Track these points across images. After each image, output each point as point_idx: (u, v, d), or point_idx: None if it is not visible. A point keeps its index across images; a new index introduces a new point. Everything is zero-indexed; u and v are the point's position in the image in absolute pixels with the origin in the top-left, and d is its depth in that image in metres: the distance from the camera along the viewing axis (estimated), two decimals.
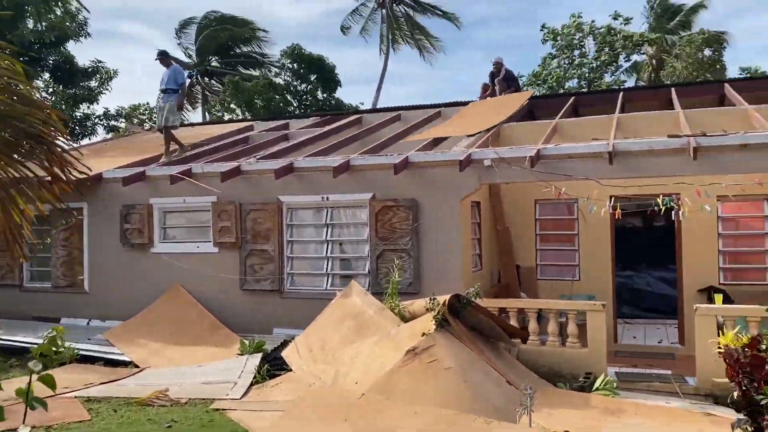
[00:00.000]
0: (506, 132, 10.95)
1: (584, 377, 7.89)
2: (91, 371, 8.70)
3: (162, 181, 10.65)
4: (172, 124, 11.68)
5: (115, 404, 7.17)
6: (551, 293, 10.42)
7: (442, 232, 9.07)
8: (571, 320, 8.35)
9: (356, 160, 9.43)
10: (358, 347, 7.81)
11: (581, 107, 13.28)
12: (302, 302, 9.71)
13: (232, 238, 10.16)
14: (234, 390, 7.74)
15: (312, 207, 9.91)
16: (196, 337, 9.78)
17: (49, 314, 11.40)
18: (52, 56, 16.90)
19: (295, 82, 27.96)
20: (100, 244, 11.21)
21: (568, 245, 10.98)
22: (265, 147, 12.20)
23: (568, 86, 28.79)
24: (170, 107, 11.53)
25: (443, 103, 14.50)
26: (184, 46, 31.62)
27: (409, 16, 33.03)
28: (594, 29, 29.32)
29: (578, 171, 8.57)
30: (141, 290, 10.66)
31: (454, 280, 8.87)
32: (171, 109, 11.56)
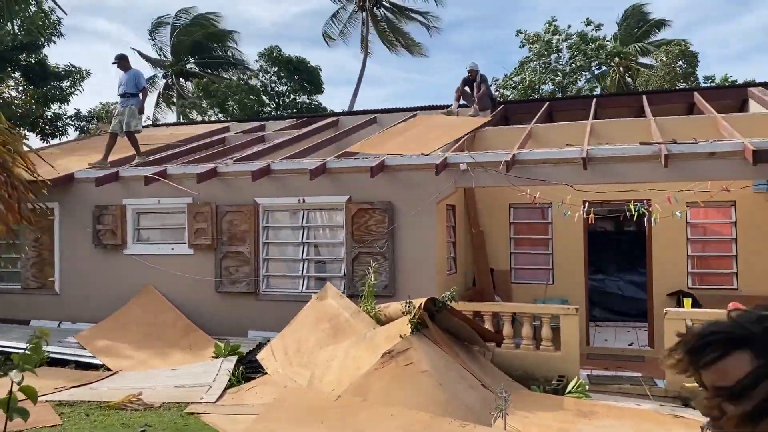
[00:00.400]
0: (481, 136, 11.06)
1: (557, 380, 8.00)
2: (61, 375, 8.56)
3: (136, 182, 10.53)
4: (135, 129, 11.33)
5: (87, 408, 7.07)
6: (525, 296, 10.54)
7: (418, 235, 9.13)
8: (546, 324, 8.46)
9: (333, 163, 9.45)
10: (333, 350, 7.82)
11: (556, 112, 13.48)
12: (278, 304, 9.69)
13: (207, 240, 10.10)
14: (209, 393, 7.69)
15: (288, 209, 9.89)
16: (169, 340, 9.68)
17: (18, 316, 11.18)
18: (24, 56, 16.58)
19: (273, 84, 27.78)
20: (72, 245, 11.04)
21: (542, 249, 11.12)
22: (242, 149, 12.14)
23: (543, 90, 29.13)
24: (131, 111, 11.11)
25: (419, 107, 14.60)
26: (159, 47, 31.24)
27: (390, 20, 33.11)
28: (568, 36, 29.73)
29: (553, 176, 8.70)
30: (114, 292, 10.52)
31: (429, 283, 8.94)
32: (132, 113, 11.13)
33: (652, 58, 27.81)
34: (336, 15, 32.99)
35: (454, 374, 7.12)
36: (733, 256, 10.18)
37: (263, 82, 28.08)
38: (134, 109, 11.19)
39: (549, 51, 29.54)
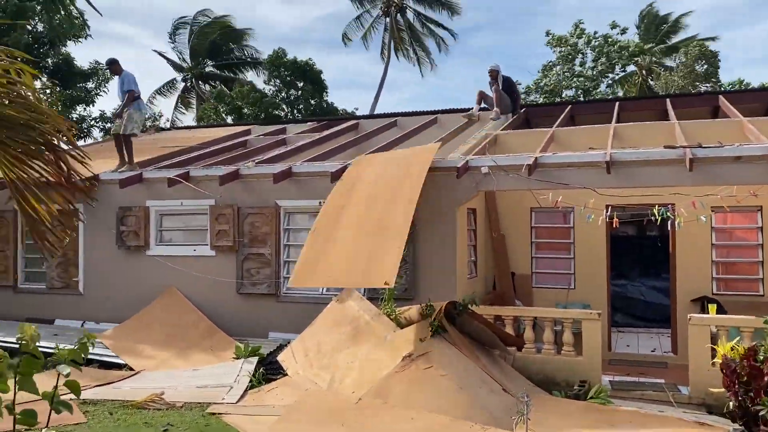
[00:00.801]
0: (503, 139, 11.01)
1: (579, 385, 7.93)
2: (85, 374, 8.66)
3: (159, 184, 10.65)
4: (130, 132, 11.26)
5: (110, 407, 7.15)
6: (546, 301, 10.47)
7: (439, 238, 9.11)
8: (567, 329, 8.39)
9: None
10: (354, 352, 7.83)
11: (578, 116, 13.38)
12: (298, 306, 9.73)
13: (229, 242, 10.17)
14: (230, 394, 7.74)
15: (309, 211, 9.93)
16: (191, 341, 9.77)
17: (43, 315, 11.36)
18: (52, 58, 16.89)
19: (284, 88, 27.91)
20: (96, 246, 11.18)
21: (563, 253, 11.04)
22: (263, 151, 12.22)
23: (566, 95, 28.98)
24: (128, 115, 11.19)
25: (439, 110, 14.58)
26: (179, 50, 31.58)
27: (412, 29, 33.22)
28: (592, 39, 29.55)
29: (575, 180, 8.63)
30: (136, 293, 10.64)
31: (449, 287, 8.91)
32: (130, 117, 11.08)
33: (671, 59, 27.54)
34: (359, 18, 33.18)
35: (475, 378, 7.09)
36: (759, 261, 10.03)
37: (276, 87, 28.24)
38: (131, 113, 11.14)
39: (574, 55, 29.39)
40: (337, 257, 7.61)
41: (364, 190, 8.34)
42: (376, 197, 8.19)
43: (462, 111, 14.14)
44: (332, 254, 7.67)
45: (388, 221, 7.77)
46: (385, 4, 32.76)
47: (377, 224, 7.77)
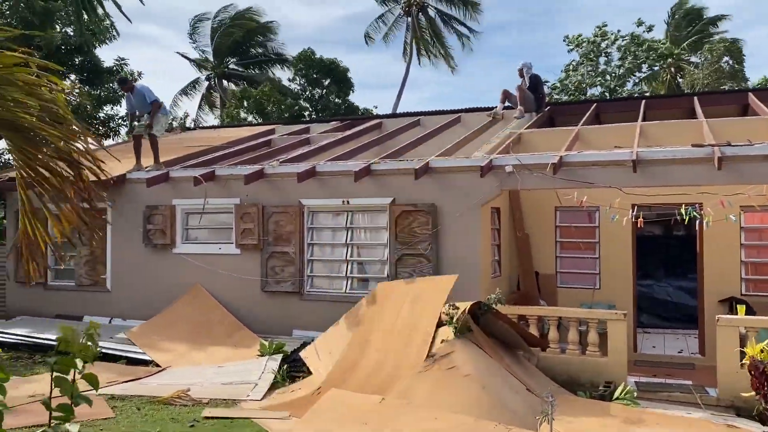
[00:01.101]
0: (527, 138, 10.94)
1: (604, 386, 7.87)
2: (113, 369, 8.82)
3: (185, 183, 10.78)
4: (158, 134, 11.56)
5: (138, 402, 7.27)
6: (571, 301, 10.38)
7: (462, 237, 9.10)
8: (592, 329, 8.32)
9: (377, 165, 9.49)
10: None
11: (603, 114, 13.23)
12: (322, 304, 9.79)
13: (254, 240, 10.26)
14: (254, 391, 7.83)
15: (333, 210, 9.98)
16: (216, 338, 9.88)
17: (72, 312, 11.57)
18: (79, 58, 17.17)
19: (309, 87, 28.03)
20: (123, 244, 11.36)
21: (588, 253, 10.94)
22: (287, 150, 12.30)
23: (591, 93, 28.68)
24: (157, 119, 11.38)
25: (463, 109, 14.53)
26: (201, 48, 31.81)
27: (433, 28, 33.14)
28: (619, 38, 29.19)
29: (601, 179, 8.56)
30: (163, 290, 10.79)
31: (473, 286, 8.89)
32: (157, 121, 11.35)
33: (697, 56, 27.12)
34: (382, 17, 33.19)
35: (499, 378, 7.07)
36: None
37: (301, 86, 28.36)
38: (159, 117, 11.37)
39: (596, 53, 29.06)
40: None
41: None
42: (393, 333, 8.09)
43: (486, 110, 14.08)
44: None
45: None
46: (407, 4, 32.71)
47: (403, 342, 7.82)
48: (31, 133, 3.08)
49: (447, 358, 7.12)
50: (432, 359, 7.17)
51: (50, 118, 3.16)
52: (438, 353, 7.23)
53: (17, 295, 12.17)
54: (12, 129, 3.06)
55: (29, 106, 3.03)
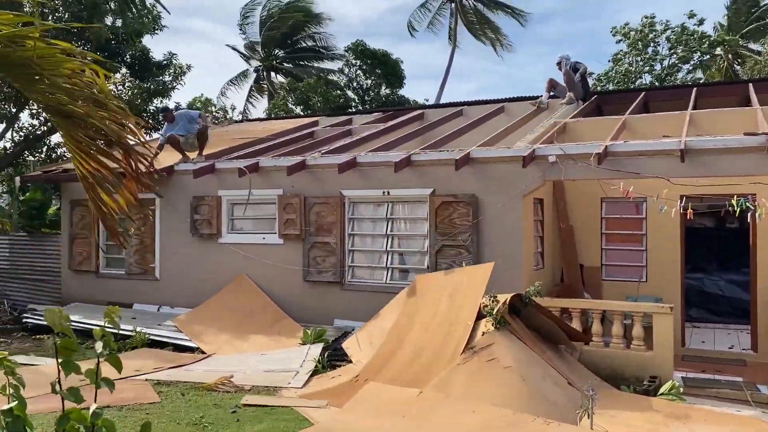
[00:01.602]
0: (572, 127, 10.73)
1: (649, 381, 7.68)
2: (160, 356, 9.09)
3: (230, 174, 10.97)
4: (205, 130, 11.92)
5: (183, 388, 7.47)
6: (616, 294, 10.18)
7: (503, 228, 9.00)
8: (637, 322, 8.14)
9: (417, 156, 9.46)
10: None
11: (652, 103, 12.87)
12: (362, 295, 9.85)
13: (296, 231, 10.38)
14: (295, 379, 7.94)
15: (373, 201, 10.01)
16: (260, 326, 10.05)
17: (122, 300, 11.94)
18: (129, 51, 17.64)
19: (360, 78, 28.12)
20: (171, 234, 11.65)
21: (635, 245, 10.68)
22: (329, 142, 12.37)
23: (639, 83, 27.88)
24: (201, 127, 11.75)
25: (507, 98, 14.34)
26: (249, 40, 32.16)
27: (479, 11, 32.72)
28: (668, 28, 28.27)
29: (647, 169, 8.33)
30: (209, 279, 11.04)
31: (514, 278, 8.80)
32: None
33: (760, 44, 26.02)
34: (425, 5, 32.95)
35: (539, 371, 6.99)
36: None
37: (349, 76, 28.45)
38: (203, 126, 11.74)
39: (645, 43, 28.20)
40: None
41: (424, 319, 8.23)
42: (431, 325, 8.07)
43: (530, 99, 13.87)
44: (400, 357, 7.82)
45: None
46: None
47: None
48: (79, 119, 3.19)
49: (486, 350, 7.07)
50: (471, 351, 7.13)
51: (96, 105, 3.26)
52: (477, 345, 7.19)
53: (71, 283, 12.64)
54: (61, 115, 3.18)
55: (76, 94, 3.14)
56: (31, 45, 2.88)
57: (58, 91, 3.05)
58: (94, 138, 3.29)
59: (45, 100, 3.15)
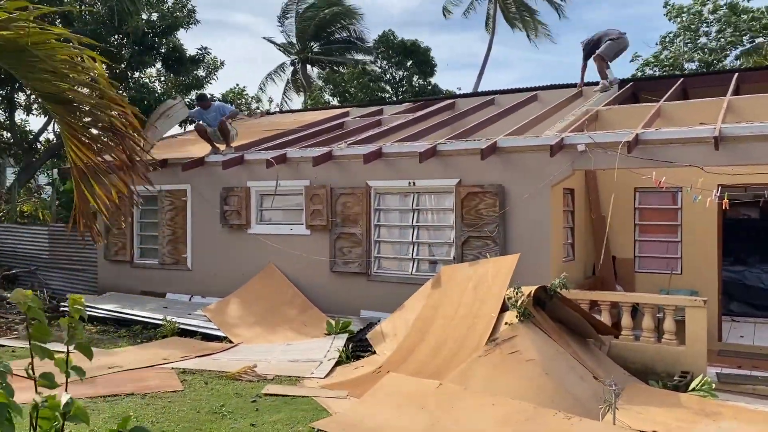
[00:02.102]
0: (604, 115, 10.44)
1: (680, 376, 7.44)
2: (188, 345, 9.22)
3: (259, 165, 11.04)
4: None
5: (207, 377, 7.56)
6: (649, 286, 9.89)
7: (531, 219, 8.82)
8: (669, 316, 7.88)
9: (443, 146, 9.33)
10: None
11: (691, 89, 12.43)
12: (388, 286, 9.81)
13: (323, 221, 10.39)
14: (318, 369, 7.95)
15: (399, 192, 9.94)
16: (287, 316, 10.11)
17: (155, 289, 12.18)
18: (164, 45, 17.90)
19: (390, 69, 28.01)
20: (202, 225, 11.81)
21: (669, 236, 10.35)
22: (358, 132, 12.33)
23: (688, 68, 26.96)
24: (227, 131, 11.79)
25: (540, 86, 14.04)
26: (287, 33, 32.36)
27: None
28: (717, 8, 27.23)
29: (680, 157, 8.04)
30: (238, 269, 11.15)
31: (542, 270, 8.63)
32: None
33: None
34: None
35: (563, 364, 6.83)
36: None
37: (382, 68, 28.35)
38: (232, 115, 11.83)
39: (698, 24, 27.21)
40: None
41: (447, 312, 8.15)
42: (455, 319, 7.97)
43: (565, 87, 13.57)
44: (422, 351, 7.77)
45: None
46: None
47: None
48: (74, 104, 3.21)
49: (509, 343, 6.95)
50: (494, 343, 7.02)
51: (91, 90, 3.27)
52: (500, 337, 7.07)
53: (107, 273, 12.94)
54: (55, 101, 3.20)
55: (72, 79, 3.15)
56: (25, 31, 2.89)
57: (53, 77, 3.07)
58: (89, 126, 3.30)
59: (40, 86, 3.17)
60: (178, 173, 11.72)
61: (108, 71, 16.20)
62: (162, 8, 18.33)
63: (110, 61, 18.69)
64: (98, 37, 17.00)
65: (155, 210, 12.46)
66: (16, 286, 13.81)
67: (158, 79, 18.99)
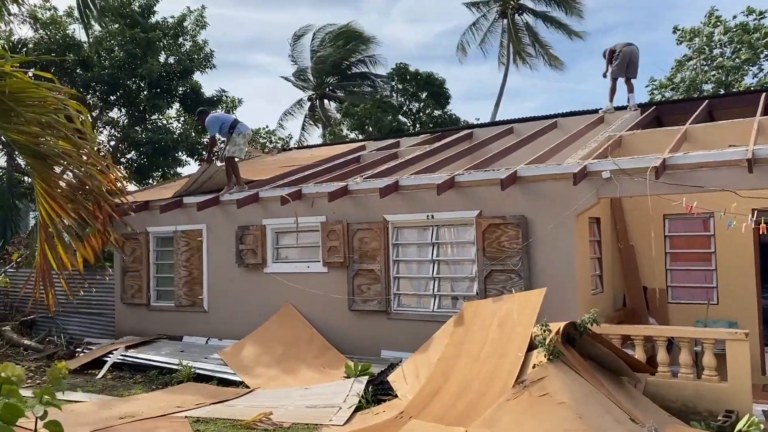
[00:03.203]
0: (628, 140, 10.09)
1: (724, 416, 6.93)
2: (202, 391, 8.90)
3: (274, 203, 10.82)
4: (236, 155, 11.74)
5: (221, 426, 7.22)
6: (684, 318, 9.39)
7: (556, 251, 8.43)
8: (708, 350, 7.40)
9: (461, 177, 9.04)
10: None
11: (717, 111, 12.05)
12: (409, 324, 9.43)
13: (340, 258, 10.10)
14: (337, 415, 7.57)
15: (417, 225, 9.62)
16: (305, 358, 9.76)
17: (172, 332, 11.93)
18: (181, 87, 18.03)
19: (406, 101, 28.01)
20: (218, 265, 11.58)
21: (703, 265, 9.87)
22: (374, 166, 12.10)
23: (705, 90, 26.52)
24: (232, 140, 11.52)
25: (559, 114, 13.75)
26: (302, 68, 32.55)
27: (530, 27, 32.07)
28: (728, 29, 26.87)
29: (711, 182, 7.64)
30: (255, 309, 10.86)
31: (570, 304, 8.21)
32: (233, 142, 11.53)
33: None
34: (475, 24, 32.53)
35: (597, 406, 6.37)
36: None
37: (399, 101, 28.37)
38: (234, 138, 11.52)
39: (710, 46, 26.88)
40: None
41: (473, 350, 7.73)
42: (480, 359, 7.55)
43: (585, 113, 13.27)
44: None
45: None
46: (502, 6, 31.80)
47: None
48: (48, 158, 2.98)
49: (538, 384, 6.52)
50: (522, 385, 6.60)
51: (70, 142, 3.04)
52: (529, 379, 6.65)
53: (124, 316, 12.74)
54: (31, 154, 2.98)
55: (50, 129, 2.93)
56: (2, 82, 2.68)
57: (33, 127, 2.84)
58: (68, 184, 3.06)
59: (18, 137, 2.95)
60: (193, 213, 11.56)
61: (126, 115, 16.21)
62: (180, 51, 18.51)
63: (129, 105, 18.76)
64: (116, 81, 17.23)
65: (171, 251, 12.28)
66: (33, 331, 13.68)
67: (177, 119, 19.08)
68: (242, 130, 11.66)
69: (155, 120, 18.84)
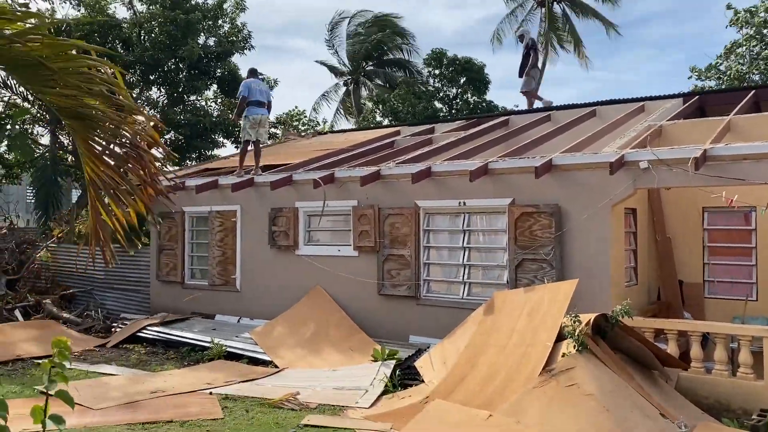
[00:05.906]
0: (668, 130, 9.83)
1: (759, 415, 6.75)
2: (233, 369, 9.05)
3: (307, 185, 10.88)
4: (243, 138, 11.79)
5: (248, 404, 7.33)
6: (721, 314, 9.16)
7: (589, 241, 8.29)
8: (744, 347, 7.22)
9: (495, 164, 8.93)
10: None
11: (764, 102, 11.63)
12: (438, 310, 9.42)
13: (370, 243, 10.11)
14: (364, 398, 7.63)
15: (449, 212, 9.56)
16: (333, 340, 9.84)
17: (205, 311, 12.14)
18: (219, 69, 18.19)
19: (444, 87, 27.71)
20: (252, 245, 11.71)
21: (743, 259, 9.59)
22: (408, 151, 12.03)
23: (753, 81, 25.58)
24: (265, 121, 11.58)
25: (599, 102, 13.45)
26: (338, 53, 32.53)
27: (567, 18, 31.43)
28: None
29: (754, 174, 7.40)
30: (286, 290, 10.98)
31: (602, 296, 8.08)
32: (242, 126, 11.59)
33: None
34: (513, 13, 32.00)
35: (626, 400, 6.28)
36: None
37: (435, 87, 28.10)
38: (242, 122, 11.55)
39: (764, 34, 25.82)
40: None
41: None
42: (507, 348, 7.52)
43: (625, 102, 12.96)
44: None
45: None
46: None
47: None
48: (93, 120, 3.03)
49: (566, 374, 6.45)
50: (549, 374, 6.54)
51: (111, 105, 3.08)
52: (557, 368, 6.59)
53: (159, 293, 13.01)
54: (72, 116, 3.04)
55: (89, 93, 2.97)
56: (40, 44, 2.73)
57: (70, 91, 2.89)
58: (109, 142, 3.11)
59: (56, 101, 3.00)
60: (228, 194, 11.70)
61: (166, 96, 16.40)
62: (219, 33, 18.66)
63: (168, 86, 18.99)
64: (157, 62, 17.48)
65: (206, 231, 12.47)
66: (73, 305, 14.07)
67: (215, 101, 19.28)
68: (248, 114, 11.64)
69: (194, 101, 19.07)
